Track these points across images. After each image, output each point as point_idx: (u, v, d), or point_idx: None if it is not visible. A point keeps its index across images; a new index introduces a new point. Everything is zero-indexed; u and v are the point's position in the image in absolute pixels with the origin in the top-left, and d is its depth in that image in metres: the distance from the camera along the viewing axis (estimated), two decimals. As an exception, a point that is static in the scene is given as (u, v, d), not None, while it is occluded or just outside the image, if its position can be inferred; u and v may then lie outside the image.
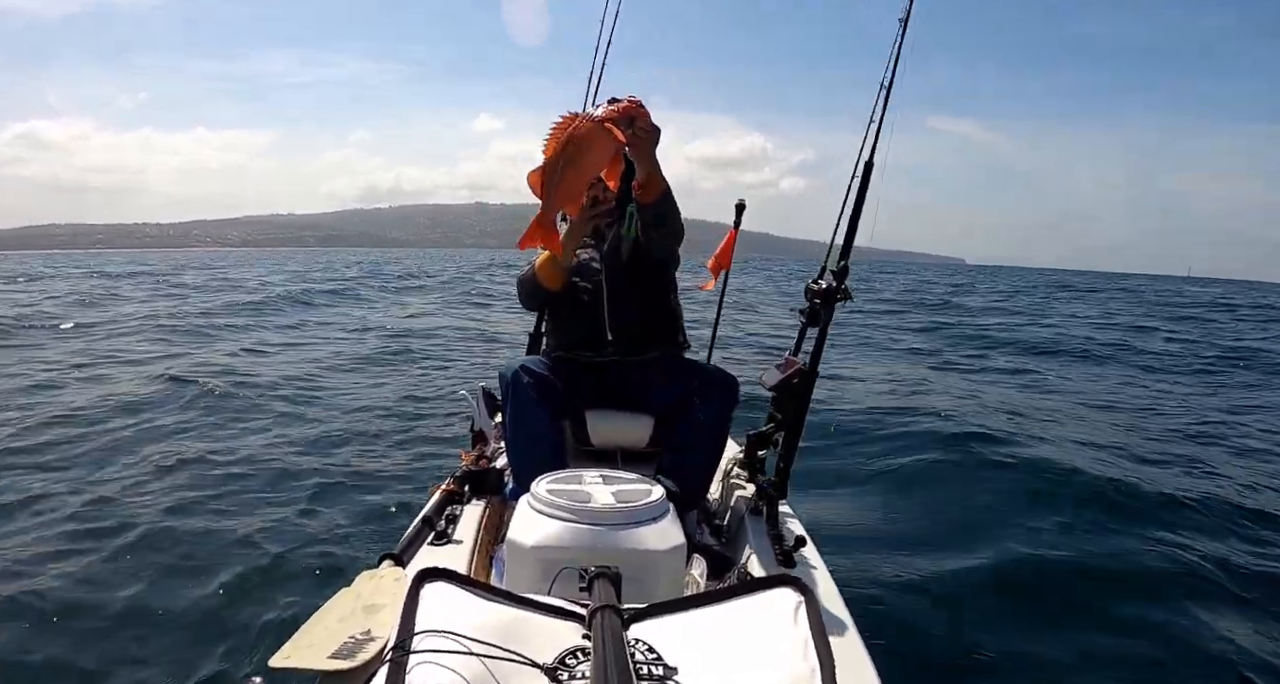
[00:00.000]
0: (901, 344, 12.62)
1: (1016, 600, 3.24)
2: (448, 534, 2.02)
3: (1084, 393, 8.41)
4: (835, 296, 2.43)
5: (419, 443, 5.47)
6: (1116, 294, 31.31)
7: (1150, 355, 12.22)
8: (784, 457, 2.42)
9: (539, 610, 1.21)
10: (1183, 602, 3.17)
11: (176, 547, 3.32)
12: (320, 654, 1.26)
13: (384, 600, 1.47)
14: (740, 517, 2.32)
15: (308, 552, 3.32)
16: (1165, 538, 3.80)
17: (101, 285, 23.25)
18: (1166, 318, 21.21)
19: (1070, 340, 13.82)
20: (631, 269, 2.45)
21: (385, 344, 10.68)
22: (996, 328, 15.88)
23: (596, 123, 1.84)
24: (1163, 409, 7.61)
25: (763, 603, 1.20)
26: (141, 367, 8.15)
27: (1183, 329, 17.75)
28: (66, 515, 3.64)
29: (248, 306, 16.00)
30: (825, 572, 1.95)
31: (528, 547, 1.56)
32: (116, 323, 12.51)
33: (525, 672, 1.04)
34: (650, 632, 1.18)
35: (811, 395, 2.41)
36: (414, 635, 1.04)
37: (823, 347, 2.44)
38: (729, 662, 1.08)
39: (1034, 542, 3.78)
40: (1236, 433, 6.51)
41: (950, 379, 8.90)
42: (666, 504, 1.69)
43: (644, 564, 1.55)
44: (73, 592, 2.90)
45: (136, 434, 5.30)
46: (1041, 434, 5.88)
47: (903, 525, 4.06)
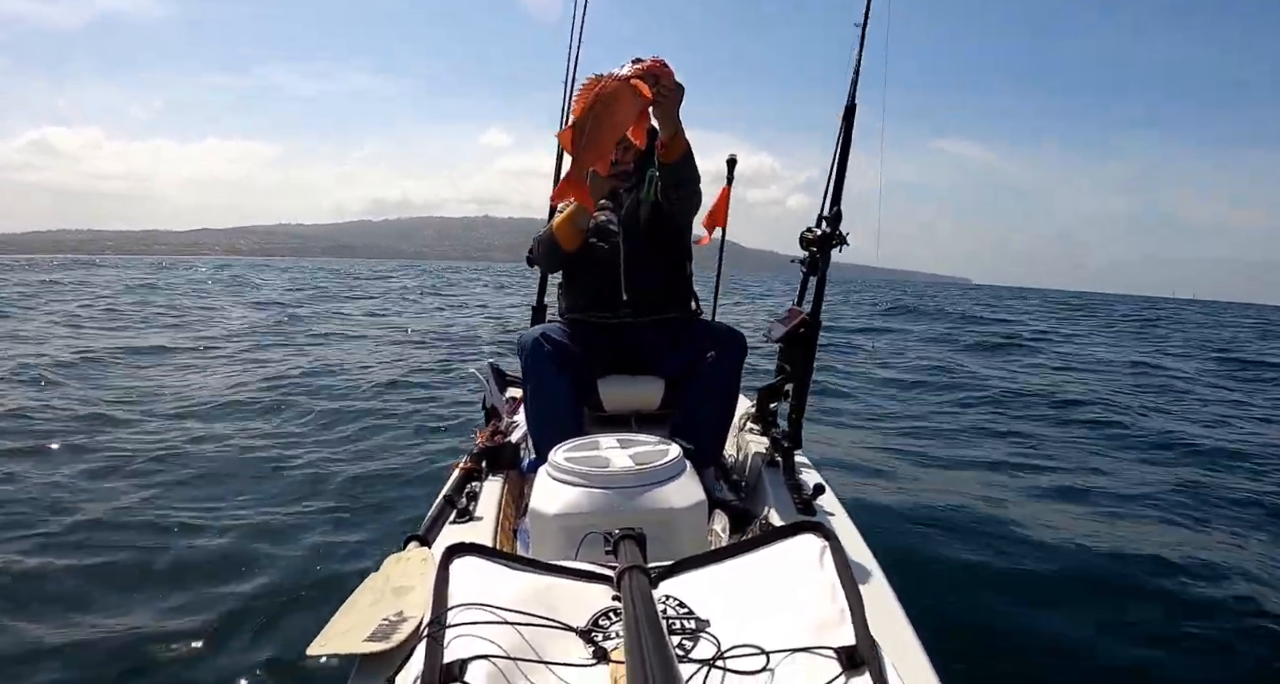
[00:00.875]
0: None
1: (1036, 538, 3.28)
2: (470, 511, 2.03)
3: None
4: (831, 242, 2.43)
5: (434, 422, 5.50)
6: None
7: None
8: (795, 407, 2.43)
9: (568, 576, 1.22)
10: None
11: (193, 538, 3.35)
12: (356, 638, 1.28)
13: (413, 581, 1.49)
14: (758, 470, 2.33)
15: (333, 541, 3.35)
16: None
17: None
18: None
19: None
20: (650, 232, 2.46)
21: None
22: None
23: (623, 80, 1.84)
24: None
25: (787, 551, 1.21)
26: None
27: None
28: (92, 516, 3.67)
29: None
30: (845, 517, 1.96)
31: (551, 515, 1.58)
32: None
33: (560, 636, 1.06)
34: (679, 588, 1.20)
35: (817, 343, 2.42)
36: (448, 610, 1.05)
37: (823, 293, 2.44)
38: (759, 610, 1.10)
39: (1047, 482, 3.82)
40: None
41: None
42: (684, 463, 1.70)
43: (666, 523, 1.56)
44: (105, 584, 2.93)
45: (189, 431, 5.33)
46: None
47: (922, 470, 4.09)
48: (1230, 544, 3.57)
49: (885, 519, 3.53)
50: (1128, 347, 15.30)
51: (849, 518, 1.96)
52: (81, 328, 11.26)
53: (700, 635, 1.07)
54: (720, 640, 1.04)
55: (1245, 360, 13.31)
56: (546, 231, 2.47)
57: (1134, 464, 5.05)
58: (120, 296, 18.86)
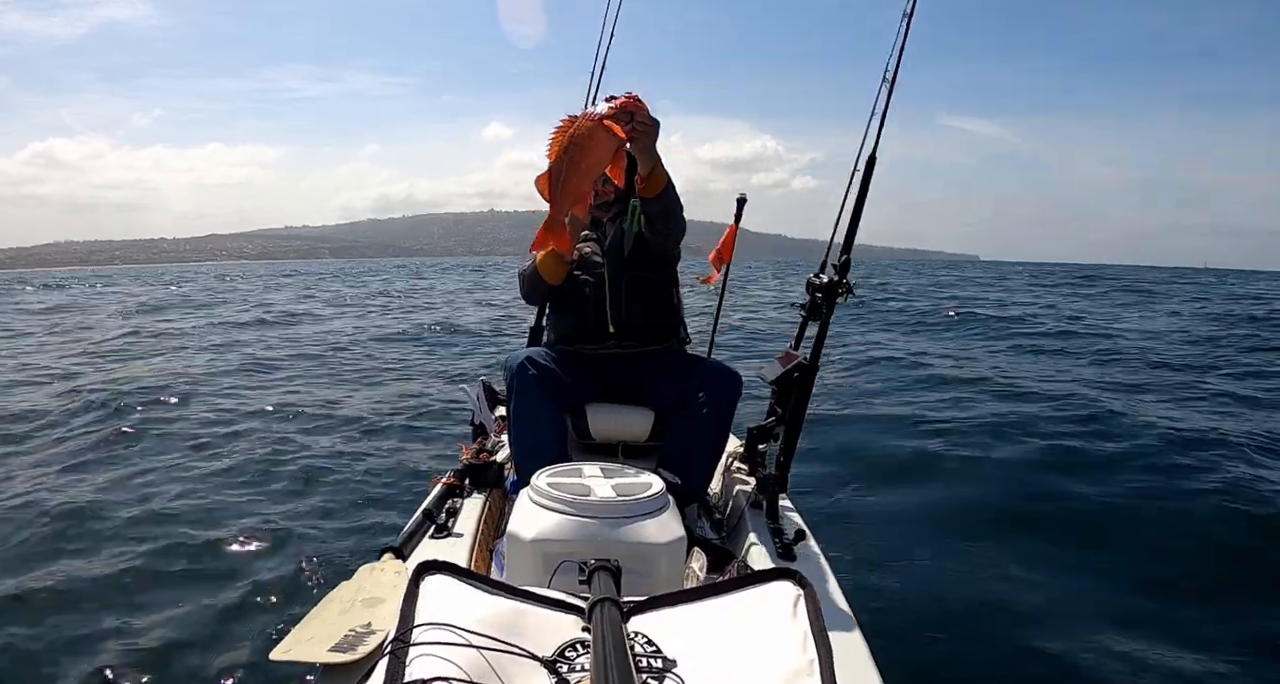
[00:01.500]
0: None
1: (1016, 591, 3.25)
2: (448, 527, 2.02)
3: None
4: (837, 291, 2.43)
5: (420, 436, 5.48)
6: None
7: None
8: (784, 450, 2.42)
9: (539, 603, 1.21)
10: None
11: (176, 540, 3.33)
12: (321, 647, 1.26)
13: (384, 593, 1.48)
14: (741, 510, 2.32)
15: (308, 545, 3.33)
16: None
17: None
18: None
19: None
20: (634, 263, 2.45)
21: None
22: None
23: (596, 122, 1.83)
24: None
25: (762, 596, 1.20)
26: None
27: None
28: (59, 511, 3.65)
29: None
30: (825, 565, 1.95)
31: (528, 540, 1.56)
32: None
33: (525, 664, 1.05)
34: (650, 624, 1.18)
35: (812, 390, 2.41)
36: (414, 628, 1.04)
37: (823, 341, 2.44)
38: (728, 654, 1.09)
39: (1035, 534, 3.79)
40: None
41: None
42: (666, 498, 1.69)
43: (644, 557, 1.55)
44: (68, 584, 2.90)
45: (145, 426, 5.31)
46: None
47: (903, 518, 4.06)
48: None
49: (865, 568, 3.50)
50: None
51: (829, 566, 1.95)
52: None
53: (666, 675, 1.06)
54: (686, 682, 1.03)
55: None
56: (530, 267, 2.47)
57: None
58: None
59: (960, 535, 3.79)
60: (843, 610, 1.65)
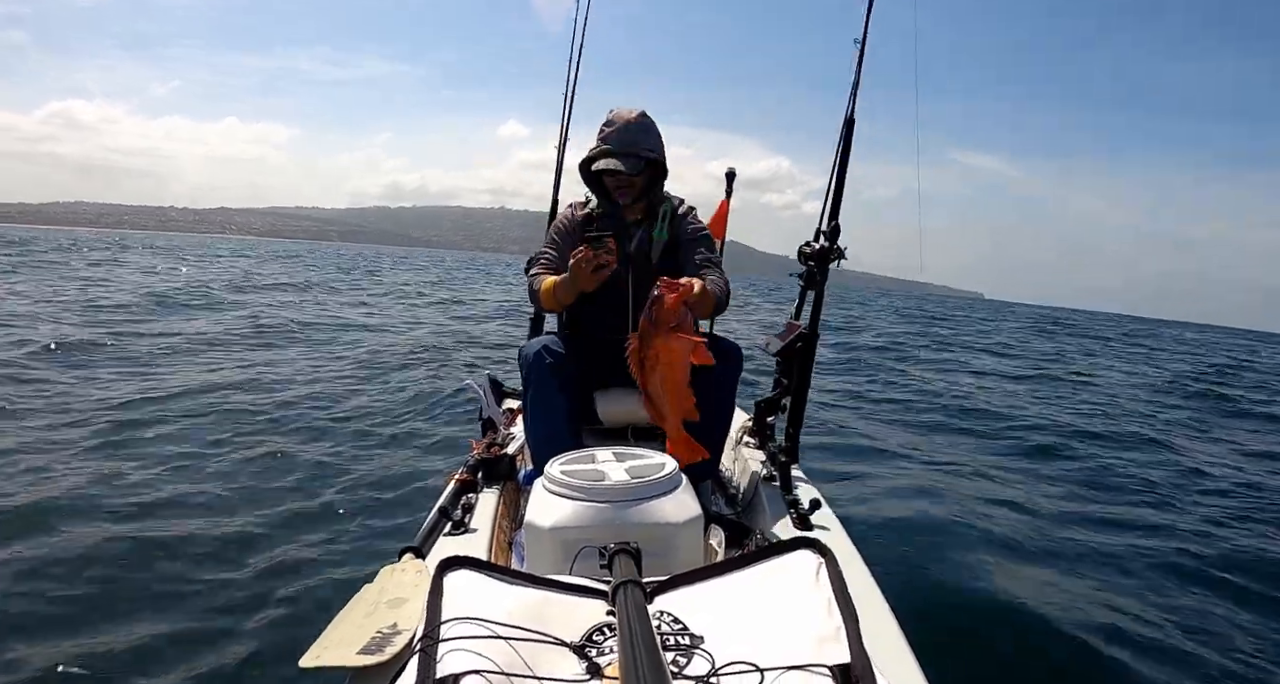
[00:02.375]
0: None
1: (1028, 550, 3.28)
2: (465, 523, 2.02)
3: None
4: (829, 257, 2.43)
5: (430, 434, 5.49)
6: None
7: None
8: (792, 421, 2.43)
9: (562, 590, 1.22)
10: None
11: (194, 552, 3.33)
12: (350, 650, 1.27)
13: (407, 593, 1.48)
14: (754, 484, 2.33)
15: (326, 550, 3.34)
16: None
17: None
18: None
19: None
20: (661, 270, 2.39)
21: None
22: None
23: (667, 336, 1.92)
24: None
25: (783, 566, 1.20)
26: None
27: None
28: (78, 516, 3.65)
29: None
30: (842, 532, 1.96)
31: (546, 528, 1.57)
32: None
33: (554, 651, 1.05)
34: (674, 603, 1.19)
35: (814, 358, 2.42)
36: (441, 624, 1.05)
37: (820, 307, 2.44)
38: (754, 626, 1.09)
39: (1043, 499, 3.81)
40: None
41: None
42: (680, 476, 1.70)
43: (662, 537, 1.56)
44: (89, 593, 2.90)
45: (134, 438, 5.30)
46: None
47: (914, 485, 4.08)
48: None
49: (884, 534, 3.52)
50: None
51: (845, 533, 1.96)
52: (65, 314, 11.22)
53: (694, 652, 1.06)
54: (714, 657, 1.04)
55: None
56: (536, 288, 2.45)
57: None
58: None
59: (972, 498, 3.81)
60: (864, 575, 1.66)
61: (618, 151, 2.38)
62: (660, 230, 2.44)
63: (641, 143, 2.39)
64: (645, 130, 2.42)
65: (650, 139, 2.42)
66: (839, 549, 1.78)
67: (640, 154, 2.38)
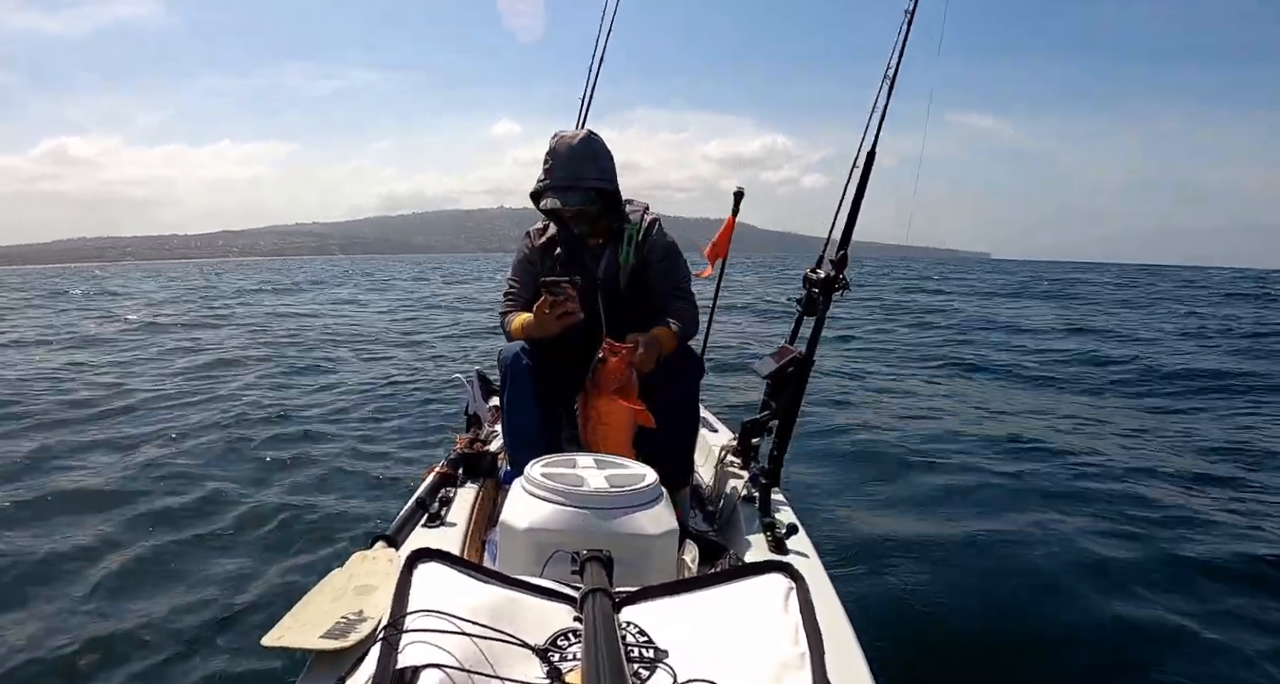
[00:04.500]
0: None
1: (1006, 583, 3.26)
2: (441, 516, 2.02)
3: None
4: (834, 286, 2.43)
5: (414, 425, 5.48)
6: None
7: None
8: (778, 445, 2.43)
9: (531, 592, 1.21)
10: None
11: (166, 525, 3.32)
12: (313, 634, 1.26)
13: (376, 581, 1.48)
14: (733, 503, 2.32)
15: (300, 532, 3.33)
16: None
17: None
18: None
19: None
20: (632, 295, 2.41)
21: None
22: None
23: (609, 400, 2.06)
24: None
25: (753, 588, 1.20)
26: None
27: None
28: (57, 493, 3.64)
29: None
30: (816, 559, 1.95)
31: (521, 529, 1.57)
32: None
33: (517, 652, 1.05)
34: (641, 615, 1.19)
35: (806, 384, 2.42)
36: (406, 615, 1.04)
37: (819, 336, 2.44)
38: (719, 645, 1.09)
39: (1020, 529, 3.80)
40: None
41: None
42: (659, 490, 1.70)
43: (636, 548, 1.55)
44: (60, 567, 2.90)
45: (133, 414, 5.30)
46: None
47: (892, 510, 4.08)
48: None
49: (861, 560, 3.51)
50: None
51: (819, 560, 1.95)
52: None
53: (658, 665, 1.06)
54: (677, 672, 1.03)
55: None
56: (507, 328, 2.43)
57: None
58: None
59: (950, 529, 3.80)
60: (834, 604, 1.65)
61: (560, 186, 2.26)
62: (626, 255, 2.37)
63: (587, 173, 2.27)
64: (591, 157, 2.28)
65: (596, 166, 2.29)
66: (811, 576, 1.77)
67: (585, 186, 2.26)
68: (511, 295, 2.48)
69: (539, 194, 2.31)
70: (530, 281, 2.43)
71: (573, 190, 2.25)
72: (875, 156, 2.51)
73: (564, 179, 2.26)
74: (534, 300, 2.25)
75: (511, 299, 2.47)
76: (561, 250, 2.43)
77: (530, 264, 2.47)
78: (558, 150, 2.27)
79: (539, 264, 2.44)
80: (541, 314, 2.14)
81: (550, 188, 2.27)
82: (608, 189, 2.30)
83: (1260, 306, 20.95)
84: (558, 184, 2.26)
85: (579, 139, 2.28)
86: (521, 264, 2.49)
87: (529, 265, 2.47)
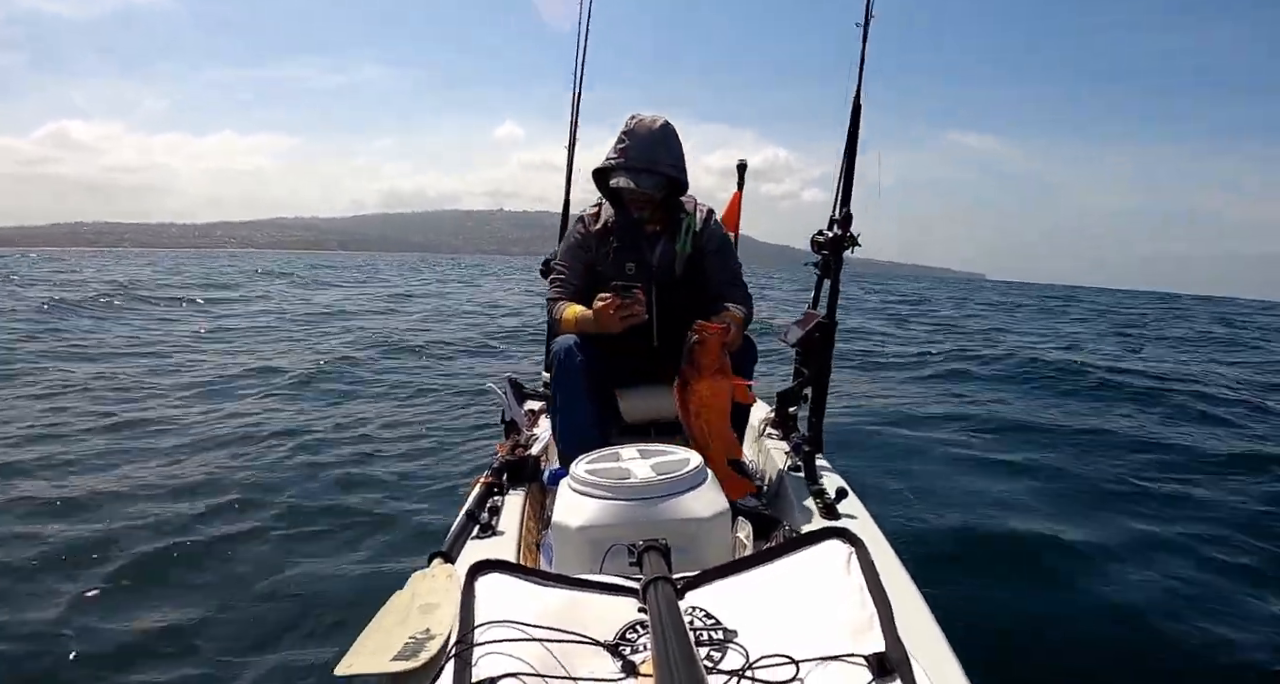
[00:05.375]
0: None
1: (1060, 541, 3.25)
2: (492, 526, 2.03)
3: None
4: (842, 245, 2.42)
5: (453, 438, 5.51)
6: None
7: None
8: (815, 410, 2.42)
9: (593, 590, 1.22)
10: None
11: (221, 564, 3.35)
12: (384, 657, 1.27)
13: (438, 599, 1.48)
14: (780, 475, 2.32)
15: (356, 558, 3.35)
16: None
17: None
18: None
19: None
20: (685, 282, 2.40)
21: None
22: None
23: (711, 380, 2.02)
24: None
25: (813, 557, 1.20)
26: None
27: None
28: (97, 532, 3.68)
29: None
30: (870, 520, 1.95)
31: (574, 528, 1.57)
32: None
33: (588, 651, 1.05)
34: (705, 598, 1.19)
35: (834, 346, 2.41)
36: (475, 628, 1.05)
37: (837, 296, 2.43)
38: (787, 618, 1.09)
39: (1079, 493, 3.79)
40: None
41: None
42: (705, 471, 1.70)
43: (690, 532, 1.56)
44: (119, 608, 2.93)
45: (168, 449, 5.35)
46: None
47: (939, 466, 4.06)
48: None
49: (912, 522, 3.50)
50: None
51: (873, 521, 1.95)
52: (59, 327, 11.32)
53: (728, 646, 1.06)
54: (749, 650, 1.03)
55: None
56: (556, 317, 2.38)
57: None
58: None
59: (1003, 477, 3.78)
60: (893, 563, 1.65)
61: (636, 167, 2.27)
62: (683, 243, 2.36)
63: (662, 158, 2.28)
64: (666, 144, 2.30)
65: (671, 154, 2.31)
66: (868, 537, 1.77)
67: (659, 171, 2.28)
68: (560, 282, 2.44)
69: (605, 172, 2.32)
70: (581, 267, 2.42)
71: (647, 173, 2.26)
72: (861, 109, 2.51)
73: (639, 160, 2.27)
74: (584, 288, 2.27)
75: (560, 286, 2.43)
76: (615, 237, 2.40)
77: (584, 249, 2.44)
78: (636, 131, 2.28)
79: (593, 249, 2.42)
80: (606, 314, 2.13)
81: (625, 167, 2.27)
82: (679, 178, 2.33)
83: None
84: (632, 165, 2.27)
85: (659, 124, 2.30)
86: (574, 249, 2.45)
87: (582, 251, 2.44)
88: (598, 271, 2.40)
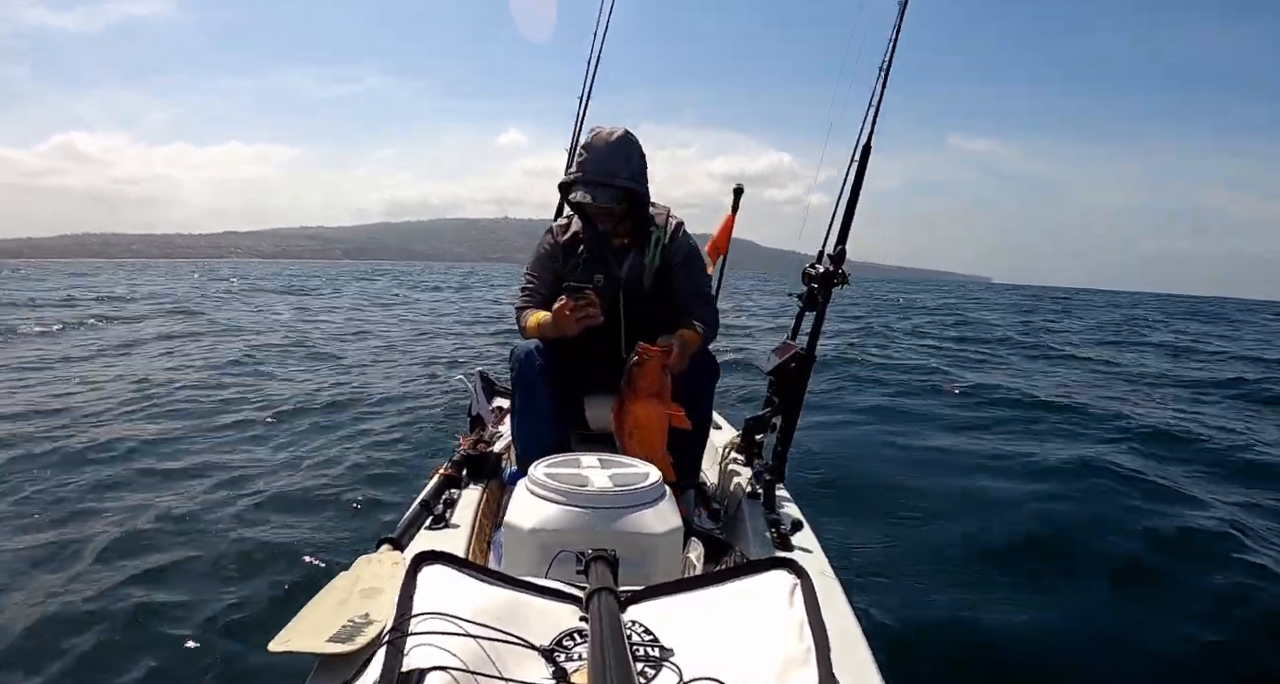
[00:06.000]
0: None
1: (1011, 576, 3.26)
2: (445, 518, 2.02)
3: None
4: (832, 281, 2.44)
5: (417, 426, 5.48)
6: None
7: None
8: (782, 440, 2.43)
9: (536, 593, 1.21)
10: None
11: (172, 530, 3.32)
12: (319, 637, 1.26)
13: (382, 584, 1.47)
14: (738, 500, 2.32)
15: (305, 536, 3.33)
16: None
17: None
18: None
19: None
20: (655, 294, 2.40)
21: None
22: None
23: (645, 403, 2.03)
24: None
25: (758, 585, 1.20)
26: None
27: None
28: (56, 501, 3.64)
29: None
30: (821, 555, 1.95)
31: (526, 530, 1.57)
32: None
33: (523, 653, 1.05)
34: (647, 613, 1.19)
35: (809, 380, 2.42)
36: (411, 617, 1.04)
37: (819, 331, 2.44)
38: (725, 643, 1.09)
39: (1027, 520, 3.81)
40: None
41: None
42: (663, 488, 1.70)
43: (641, 547, 1.55)
44: (63, 575, 2.89)
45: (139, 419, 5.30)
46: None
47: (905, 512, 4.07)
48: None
49: (863, 555, 3.51)
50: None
51: (825, 556, 1.95)
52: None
53: (664, 664, 1.06)
54: (683, 670, 1.03)
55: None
56: (521, 323, 2.40)
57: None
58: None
59: (955, 533, 3.80)
60: (839, 600, 1.65)
61: (593, 181, 2.25)
62: (652, 257, 2.36)
63: (619, 171, 2.25)
64: (624, 156, 2.27)
65: (629, 166, 2.28)
66: (816, 572, 1.77)
67: (615, 184, 2.25)
68: (529, 291, 2.45)
69: (568, 186, 2.31)
70: (550, 278, 2.43)
71: (603, 187, 2.24)
72: (871, 150, 2.51)
73: (596, 174, 2.25)
74: (551, 298, 2.25)
75: (528, 295, 2.45)
76: (585, 248, 2.41)
77: (552, 260, 2.45)
78: (594, 145, 2.26)
79: (561, 260, 2.43)
80: (561, 316, 2.13)
81: (581, 181, 2.26)
82: (637, 190, 2.30)
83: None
84: (590, 179, 2.25)
85: (616, 136, 2.27)
86: (543, 260, 2.47)
87: (550, 261, 2.45)
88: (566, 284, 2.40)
